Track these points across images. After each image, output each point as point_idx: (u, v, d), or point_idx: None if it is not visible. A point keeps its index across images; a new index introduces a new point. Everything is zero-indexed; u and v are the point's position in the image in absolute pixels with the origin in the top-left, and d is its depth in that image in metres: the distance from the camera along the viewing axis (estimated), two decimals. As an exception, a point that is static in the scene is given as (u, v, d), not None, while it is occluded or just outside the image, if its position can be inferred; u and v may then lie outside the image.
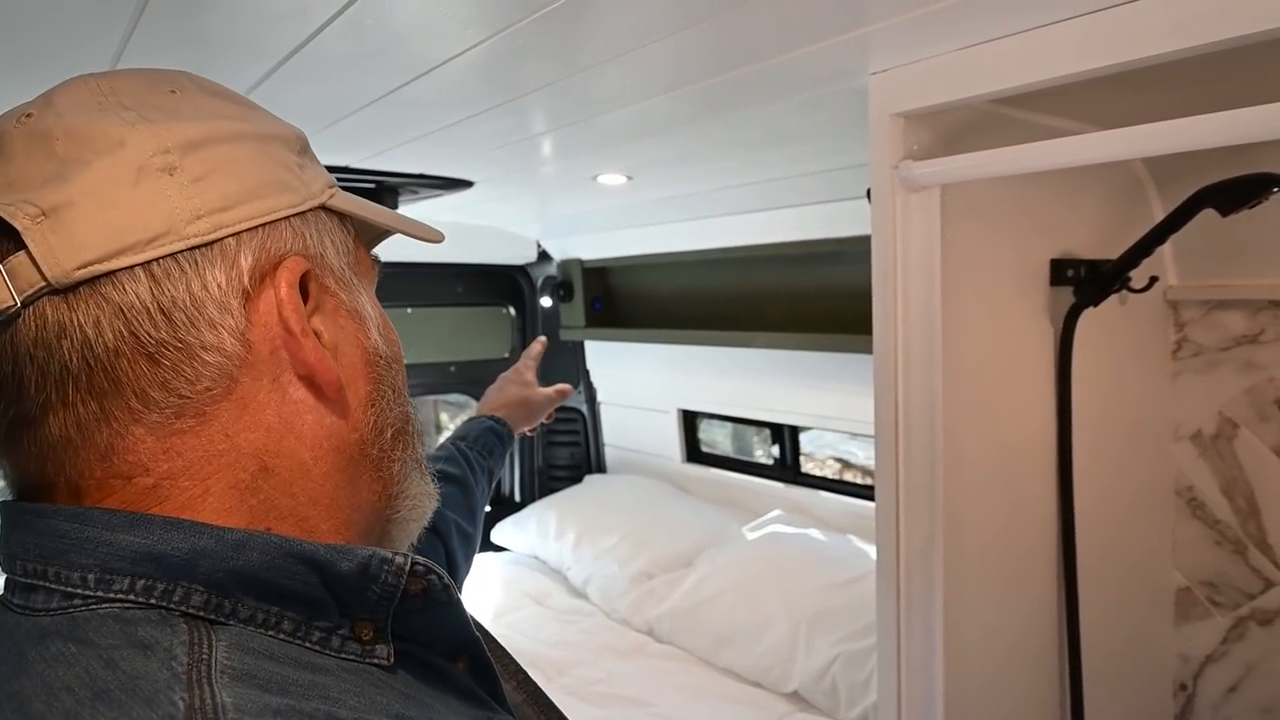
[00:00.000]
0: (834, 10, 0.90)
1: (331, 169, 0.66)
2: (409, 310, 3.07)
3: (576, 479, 3.33)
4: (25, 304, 0.40)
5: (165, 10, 0.84)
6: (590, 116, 1.35)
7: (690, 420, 3.04)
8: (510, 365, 1.26)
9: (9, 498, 0.46)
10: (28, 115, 0.44)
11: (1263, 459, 1.47)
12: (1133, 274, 1.39)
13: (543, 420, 1.25)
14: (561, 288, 3.07)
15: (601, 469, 3.39)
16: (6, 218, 0.40)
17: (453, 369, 3.15)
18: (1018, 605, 1.33)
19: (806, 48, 1.02)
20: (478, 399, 1.24)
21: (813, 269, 2.20)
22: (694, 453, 3.06)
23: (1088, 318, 1.34)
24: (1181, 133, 0.85)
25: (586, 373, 3.33)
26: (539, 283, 3.25)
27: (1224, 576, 1.54)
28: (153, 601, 0.40)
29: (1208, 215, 1.25)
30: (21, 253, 0.40)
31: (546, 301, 3.21)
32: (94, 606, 0.40)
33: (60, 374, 0.41)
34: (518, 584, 2.69)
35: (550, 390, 1.24)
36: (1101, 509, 1.46)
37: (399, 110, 1.27)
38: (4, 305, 0.40)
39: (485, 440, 1.10)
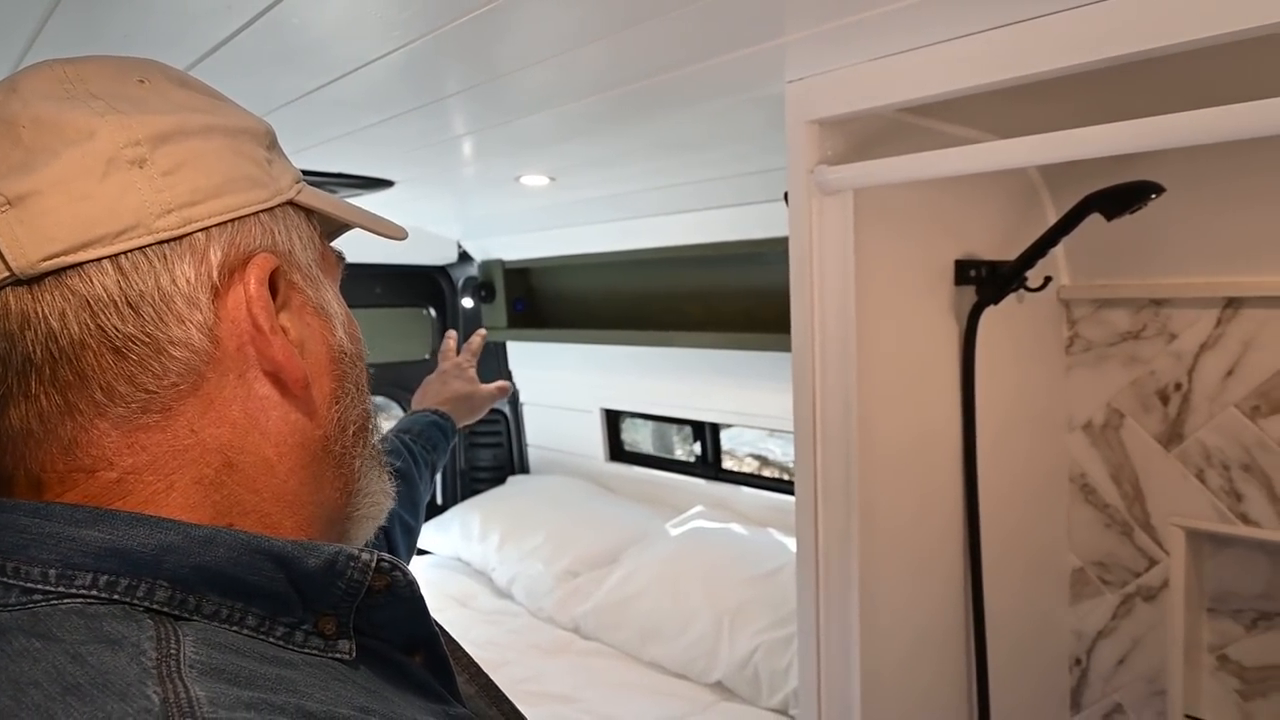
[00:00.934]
0: (752, 21, 0.94)
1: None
2: (325, 312, 3.01)
3: (500, 480, 3.32)
4: None
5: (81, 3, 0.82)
6: (512, 119, 1.36)
7: (613, 420, 3.07)
8: (431, 366, 1.27)
9: None
10: (10, 89, 0.43)
11: (1146, 446, 1.58)
12: (1029, 274, 1.49)
13: (475, 420, 1.26)
14: (483, 288, 3.06)
15: (525, 470, 3.39)
16: None
17: (371, 371, 3.09)
18: (927, 589, 1.40)
19: (726, 55, 1.06)
20: (398, 401, 1.24)
21: (732, 270, 2.26)
22: (617, 452, 3.09)
23: (991, 315, 1.43)
24: (1071, 143, 0.93)
25: (509, 374, 3.32)
26: (460, 283, 3.23)
27: (1113, 556, 1.65)
28: (116, 597, 0.39)
29: (1097, 220, 1.34)
30: None
31: (468, 302, 3.19)
32: (55, 602, 0.39)
33: (23, 365, 0.40)
34: (441, 587, 2.67)
35: (492, 387, 1.25)
36: (1006, 496, 1.55)
37: (319, 109, 1.25)
38: None
39: (429, 434, 1.10)
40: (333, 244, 0.57)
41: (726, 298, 2.31)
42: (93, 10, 0.83)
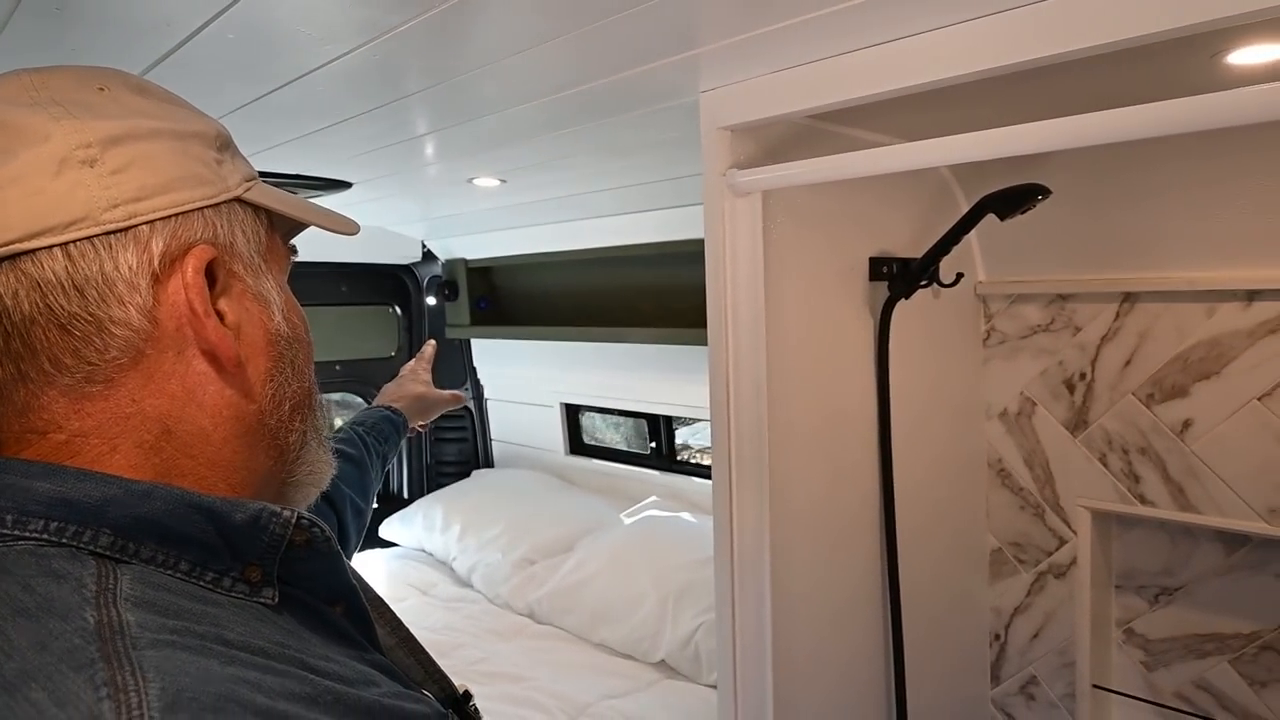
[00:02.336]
0: (669, 34, 1.02)
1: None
2: (291, 309, 3.08)
3: (465, 474, 3.39)
4: None
5: (31, 22, 0.89)
6: (459, 122, 1.44)
7: (573, 414, 3.15)
8: (398, 363, 1.35)
9: None
10: None
11: (1055, 432, 1.68)
12: (943, 271, 1.59)
13: (429, 421, 1.34)
14: (446, 287, 3.13)
15: (490, 464, 3.47)
16: None
17: (338, 368, 3.17)
18: (844, 566, 1.49)
19: (645, 66, 1.14)
20: (364, 397, 1.32)
21: (682, 268, 2.35)
22: (577, 445, 3.17)
23: (910, 309, 1.52)
24: (962, 146, 1.00)
25: (473, 370, 3.39)
26: (425, 282, 3.30)
27: (1027, 537, 1.75)
28: (64, 541, 0.44)
29: (1012, 220, 1.43)
30: None
31: (432, 300, 3.26)
32: (10, 544, 0.44)
33: None
34: (403, 576, 2.74)
35: (447, 393, 1.33)
36: (926, 480, 1.64)
37: (268, 115, 1.33)
38: None
39: (381, 427, 1.18)
40: (295, 242, 0.61)
41: (677, 294, 2.40)
42: (43, 27, 0.91)
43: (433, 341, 1.42)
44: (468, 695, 0.64)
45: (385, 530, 3.10)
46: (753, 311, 1.26)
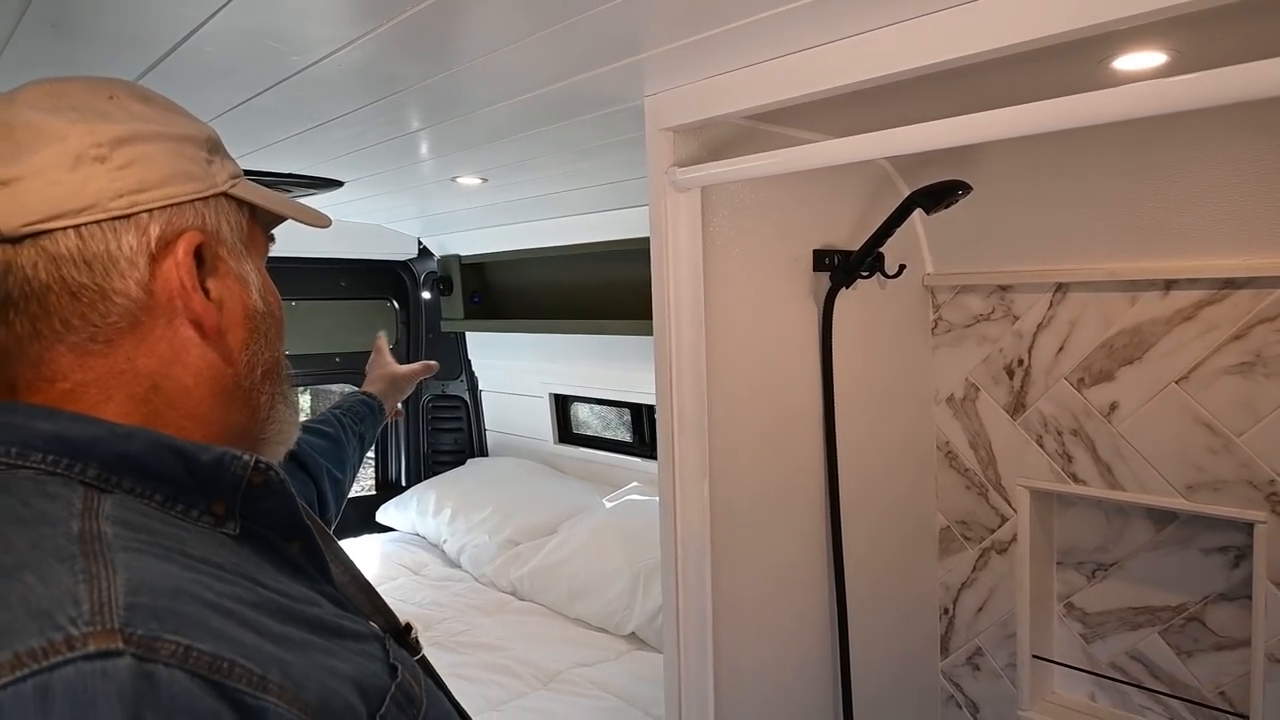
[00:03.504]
0: (616, 41, 1.12)
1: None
2: (293, 304, 3.20)
3: (460, 463, 3.51)
4: None
5: (31, 39, 1.02)
6: (435, 122, 1.55)
7: (562, 404, 3.27)
8: (396, 356, 1.50)
9: None
10: (8, 103, 0.56)
11: (996, 415, 1.78)
12: (889, 263, 1.69)
13: (407, 395, 1.46)
14: (441, 282, 3.25)
15: (484, 452, 3.59)
16: None
17: (338, 359, 3.30)
18: (789, 542, 1.59)
19: (594, 71, 1.24)
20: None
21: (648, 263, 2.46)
22: (566, 434, 3.29)
23: (862, 300, 1.62)
24: (882, 142, 1.09)
25: (468, 362, 3.52)
26: (421, 277, 3.43)
27: (972, 515, 1.85)
28: (59, 471, 0.52)
29: (956, 216, 1.53)
30: None
31: (427, 295, 3.39)
32: (14, 470, 0.52)
33: (4, 300, 0.54)
34: (396, 558, 2.87)
35: (415, 365, 1.46)
36: (868, 459, 1.74)
37: (254, 117, 1.45)
38: None
39: (357, 409, 1.30)
40: (307, 239, 0.72)
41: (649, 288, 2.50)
42: (43, 43, 1.03)
43: (383, 333, 1.55)
44: (409, 627, 0.73)
45: (382, 515, 3.23)
46: (694, 300, 1.37)
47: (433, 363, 1.50)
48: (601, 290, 2.72)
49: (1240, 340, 1.43)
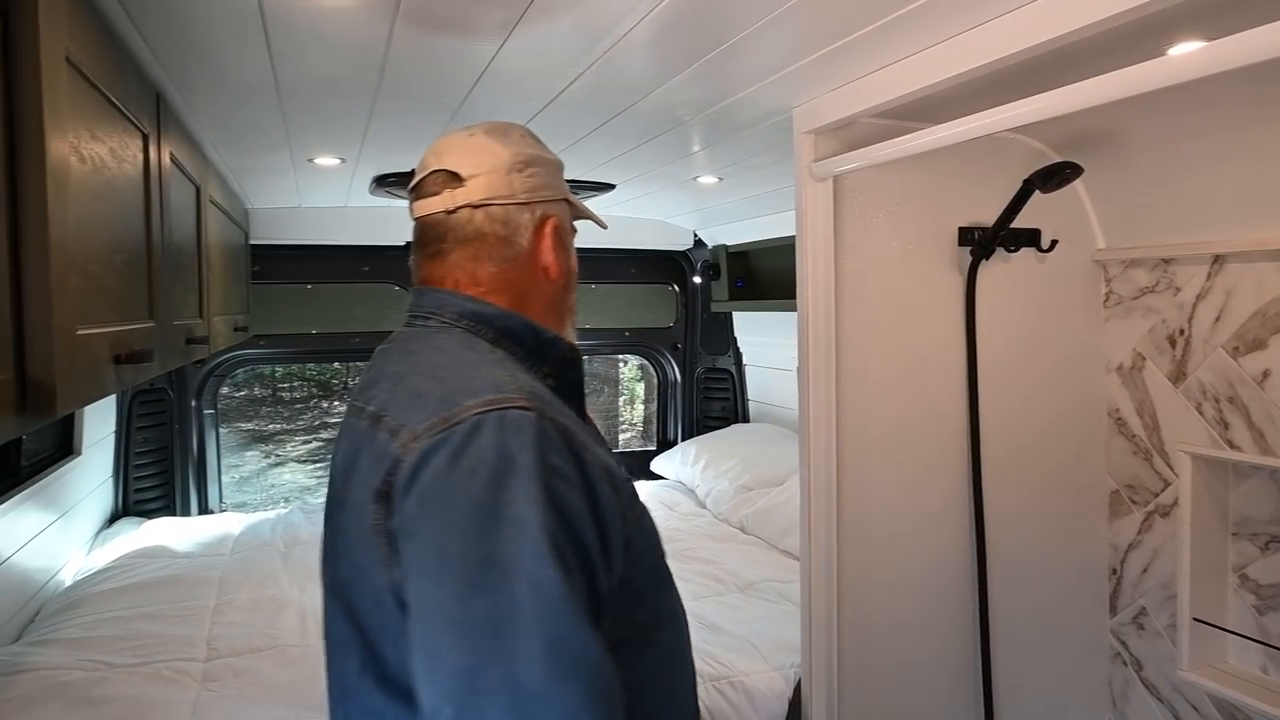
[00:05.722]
0: (771, 61, 1.50)
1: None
2: (593, 286, 3.92)
3: (726, 426, 4.01)
4: (454, 210, 0.93)
5: (395, 88, 1.68)
6: (650, 136, 2.04)
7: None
8: (675, 332, 1.99)
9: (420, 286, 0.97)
10: (470, 134, 0.96)
11: (1161, 384, 1.86)
12: (1044, 239, 1.87)
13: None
14: (711, 269, 3.75)
15: (746, 418, 4.05)
16: (464, 176, 0.93)
17: (627, 334, 3.96)
18: (929, 491, 1.83)
19: (751, 89, 1.64)
20: (649, 359, 1.97)
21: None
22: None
23: (1014, 273, 1.82)
24: (987, 120, 1.30)
25: (734, 340, 3.99)
26: (698, 265, 3.97)
27: (1139, 479, 1.94)
28: (472, 330, 0.91)
29: (1124, 191, 1.66)
30: (460, 189, 0.93)
31: (699, 280, 3.92)
32: (451, 327, 0.91)
33: (459, 236, 0.93)
34: (657, 498, 3.44)
35: None
36: (1029, 422, 1.91)
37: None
38: (452, 207, 0.93)
39: None
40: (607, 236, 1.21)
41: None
42: (409, 98, 1.69)
43: None
44: None
45: (655, 465, 3.83)
46: (826, 275, 1.70)
47: None
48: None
49: (1376, 306, 1.44)
